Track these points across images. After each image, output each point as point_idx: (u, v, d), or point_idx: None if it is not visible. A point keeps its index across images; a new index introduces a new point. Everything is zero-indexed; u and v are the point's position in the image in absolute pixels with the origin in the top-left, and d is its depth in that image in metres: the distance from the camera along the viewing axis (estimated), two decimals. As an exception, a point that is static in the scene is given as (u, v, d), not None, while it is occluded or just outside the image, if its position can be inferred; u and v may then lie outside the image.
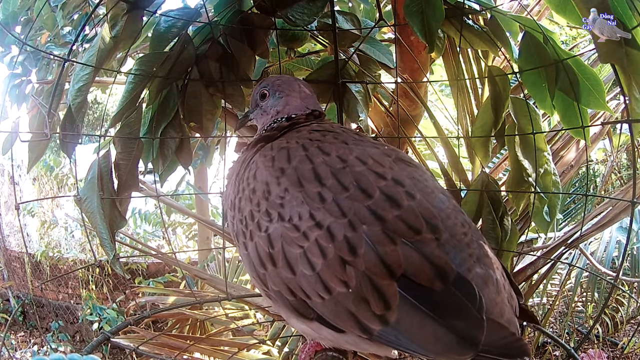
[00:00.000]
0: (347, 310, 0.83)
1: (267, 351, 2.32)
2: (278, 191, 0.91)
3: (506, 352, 0.80)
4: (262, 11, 1.46)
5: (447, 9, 1.35)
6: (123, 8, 1.29)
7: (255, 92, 1.22)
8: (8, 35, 2.06)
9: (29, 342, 6.21)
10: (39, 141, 1.36)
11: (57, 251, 6.79)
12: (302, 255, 0.86)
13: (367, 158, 0.93)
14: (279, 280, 0.89)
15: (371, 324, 0.81)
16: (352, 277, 0.81)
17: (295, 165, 0.92)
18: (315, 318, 0.89)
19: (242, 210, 0.97)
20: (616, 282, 1.34)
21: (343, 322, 0.85)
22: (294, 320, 0.95)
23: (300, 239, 0.86)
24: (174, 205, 3.55)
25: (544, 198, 1.51)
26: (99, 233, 1.35)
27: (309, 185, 0.89)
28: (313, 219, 0.86)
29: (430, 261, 0.80)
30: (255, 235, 0.92)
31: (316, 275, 0.84)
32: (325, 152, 0.94)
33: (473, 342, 0.78)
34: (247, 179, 0.98)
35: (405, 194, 0.86)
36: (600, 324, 4.61)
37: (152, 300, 3.24)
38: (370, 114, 1.94)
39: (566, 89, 1.32)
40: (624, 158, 5.54)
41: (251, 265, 0.95)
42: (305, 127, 1.09)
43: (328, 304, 0.84)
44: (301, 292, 0.87)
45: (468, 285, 0.81)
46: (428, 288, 0.79)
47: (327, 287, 0.83)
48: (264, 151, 1.01)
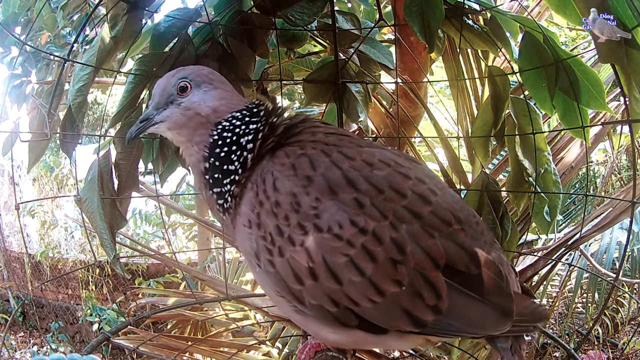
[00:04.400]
0: (401, 307, 0.85)
1: (267, 352, 2.32)
2: (309, 201, 0.87)
3: (532, 317, 0.92)
4: (262, 11, 1.46)
5: (447, 9, 1.35)
6: (123, 8, 1.29)
7: (170, 84, 0.96)
8: (8, 36, 2.06)
9: (28, 342, 6.20)
10: (39, 141, 1.36)
11: (57, 252, 6.79)
12: (349, 263, 0.85)
13: (388, 160, 0.94)
14: (321, 293, 0.87)
15: (425, 316, 0.86)
16: (404, 275, 0.84)
17: (322, 173, 0.88)
18: (356, 325, 0.88)
19: (263, 226, 0.89)
20: (616, 282, 1.33)
21: (395, 320, 0.87)
22: (326, 332, 0.94)
23: (345, 247, 0.85)
24: (174, 206, 3.55)
25: (544, 198, 1.51)
26: (99, 233, 1.35)
27: (342, 192, 0.87)
28: (355, 225, 0.85)
29: (464, 249, 0.88)
30: (286, 251, 0.87)
31: (366, 280, 0.85)
32: (349, 156, 0.92)
33: (509, 314, 0.88)
34: (265, 191, 0.90)
35: (429, 191, 0.91)
36: (600, 325, 4.61)
37: (152, 301, 3.24)
38: (370, 114, 1.94)
39: (566, 89, 1.32)
40: (624, 159, 5.54)
41: (281, 283, 0.90)
42: (309, 129, 1.00)
43: (380, 306, 0.85)
44: (347, 301, 0.86)
45: (495, 266, 0.90)
46: (466, 273, 0.87)
47: (379, 289, 0.85)
48: (274, 160, 0.93)
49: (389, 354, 2.40)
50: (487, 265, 0.89)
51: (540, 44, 1.34)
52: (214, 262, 3.85)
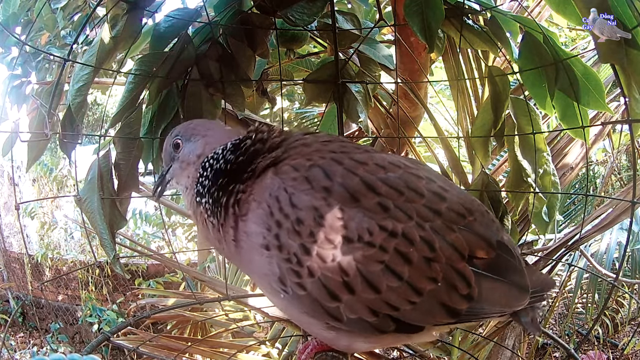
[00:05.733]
0: (439, 302, 0.88)
1: (267, 353, 2.31)
2: (332, 213, 0.84)
3: (542, 287, 1.00)
4: (262, 11, 1.46)
5: (447, 9, 1.35)
6: (123, 8, 1.29)
7: (168, 144, 1.08)
8: (8, 36, 2.06)
9: (28, 343, 6.20)
10: (39, 141, 1.36)
11: (56, 252, 6.79)
12: (385, 269, 0.84)
13: (397, 162, 0.94)
14: (360, 306, 0.85)
15: (460, 305, 0.89)
16: (438, 271, 0.86)
17: (340, 182, 0.87)
18: (394, 329, 0.89)
19: (286, 248, 0.85)
20: (616, 283, 1.33)
21: (433, 316, 0.89)
22: (360, 343, 0.94)
23: (378, 254, 0.84)
24: (174, 207, 3.55)
25: (543, 198, 1.51)
26: (99, 233, 1.35)
27: (364, 198, 0.86)
28: (385, 230, 0.85)
29: (481, 237, 0.92)
30: (317, 270, 0.84)
31: (405, 283, 0.85)
32: (361, 161, 0.91)
33: (526, 288, 0.95)
34: (281, 209, 0.86)
35: (441, 189, 0.93)
36: (600, 325, 4.61)
37: (152, 301, 3.23)
38: (370, 114, 1.94)
39: (566, 89, 1.32)
40: (624, 159, 5.54)
41: (314, 304, 0.86)
42: (300, 140, 0.98)
43: (419, 306, 0.86)
44: (387, 308, 0.86)
45: (507, 248, 0.96)
46: (486, 259, 0.91)
47: (417, 290, 0.86)
48: (282, 176, 0.89)
49: (389, 354, 2.40)
50: (501, 248, 0.94)
51: (540, 44, 1.34)
52: (214, 263, 3.84)
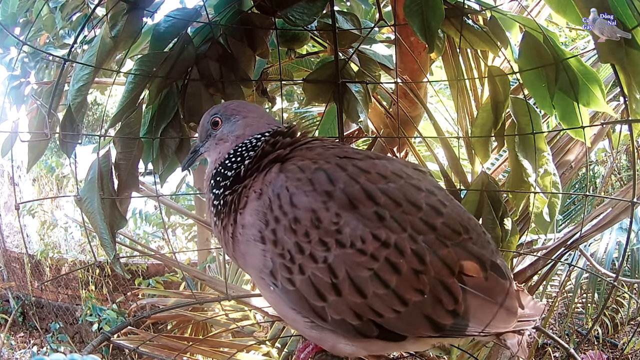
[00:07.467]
0: (423, 314, 0.89)
1: (267, 352, 2.31)
2: (329, 217, 0.87)
3: (532, 312, 1.00)
4: (262, 11, 1.46)
5: (447, 9, 1.35)
6: (123, 8, 1.29)
7: (206, 121, 1.11)
8: (7, 36, 2.06)
9: (28, 342, 6.20)
10: (39, 141, 1.36)
11: (57, 252, 6.79)
12: (373, 276, 0.87)
13: (400, 171, 0.95)
14: (344, 308, 0.88)
15: (444, 320, 0.90)
16: (425, 284, 0.88)
17: (342, 188, 0.89)
18: (376, 335, 0.90)
19: (281, 243, 0.89)
20: (616, 282, 1.33)
21: (416, 327, 0.90)
22: (343, 345, 0.95)
23: (369, 261, 0.87)
24: (174, 206, 3.55)
25: (543, 198, 1.51)
26: (99, 233, 1.35)
27: (362, 206, 0.89)
28: (377, 239, 0.87)
29: (474, 255, 0.93)
30: (308, 268, 0.87)
31: (391, 292, 0.87)
32: (364, 170, 0.93)
33: (514, 311, 0.95)
34: (280, 207, 0.89)
35: (440, 203, 0.94)
36: (600, 325, 4.61)
37: (152, 301, 3.23)
38: (370, 114, 1.94)
39: (566, 89, 1.32)
40: (623, 159, 5.54)
41: (301, 301, 0.90)
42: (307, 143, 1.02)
43: (403, 315, 0.88)
44: (371, 313, 0.88)
45: (500, 269, 0.96)
46: (477, 277, 0.92)
47: (403, 300, 0.87)
48: (287, 174, 0.92)
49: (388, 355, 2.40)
50: (494, 269, 0.94)
51: (540, 44, 1.34)
52: (214, 262, 3.85)
